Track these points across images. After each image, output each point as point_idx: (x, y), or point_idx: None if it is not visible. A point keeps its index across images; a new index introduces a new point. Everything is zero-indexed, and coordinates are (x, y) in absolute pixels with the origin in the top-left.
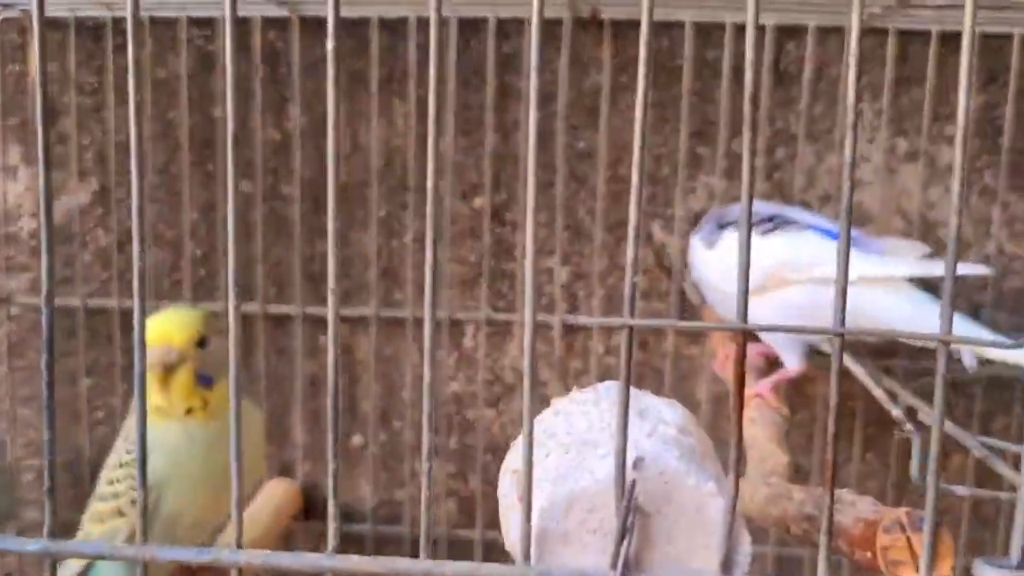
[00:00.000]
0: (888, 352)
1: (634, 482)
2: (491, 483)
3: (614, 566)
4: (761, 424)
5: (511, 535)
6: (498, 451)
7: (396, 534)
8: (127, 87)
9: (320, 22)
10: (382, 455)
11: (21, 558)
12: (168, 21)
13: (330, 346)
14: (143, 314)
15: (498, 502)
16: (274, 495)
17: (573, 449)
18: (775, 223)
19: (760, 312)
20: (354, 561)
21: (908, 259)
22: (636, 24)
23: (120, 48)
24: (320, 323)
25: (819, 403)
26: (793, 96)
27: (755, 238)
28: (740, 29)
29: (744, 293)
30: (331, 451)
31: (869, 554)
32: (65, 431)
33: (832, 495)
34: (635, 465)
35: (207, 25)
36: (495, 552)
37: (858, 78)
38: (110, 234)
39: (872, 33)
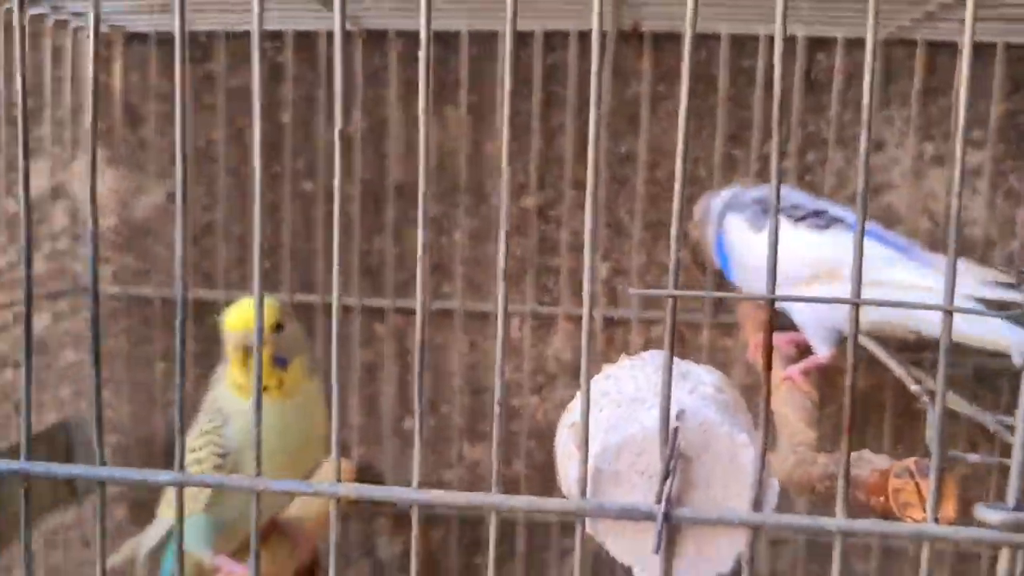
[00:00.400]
0: (919, 347)
1: (676, 430)
2: (535, 467)
3: (659, 502)
4: (792, 406)
5: (568, 480)
6: (542, 437)
7: (444, 514)
8: (202, 96)
9: (380, 34)
10: (432, 439)
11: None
12: (241, 35)
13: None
14: (184, 304)
15: (544, 482)
16: (331, 473)
17: (624, 405)
18: (826, 219)
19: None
20: (435, 494)
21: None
22: (674, 36)
23: (196, 60)
24: (376, 313)
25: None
26: (824, 103)
27: (810, 231)
28: (772, 40)
29: (773, 268)
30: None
31: (882, 498)
32: (141, 412)
33: (850, 437)
34: (678, 416)
35: (278, 38)
36: (538, 532)
37: (871, 84)
38: (186, 230)
39: (901, 44)
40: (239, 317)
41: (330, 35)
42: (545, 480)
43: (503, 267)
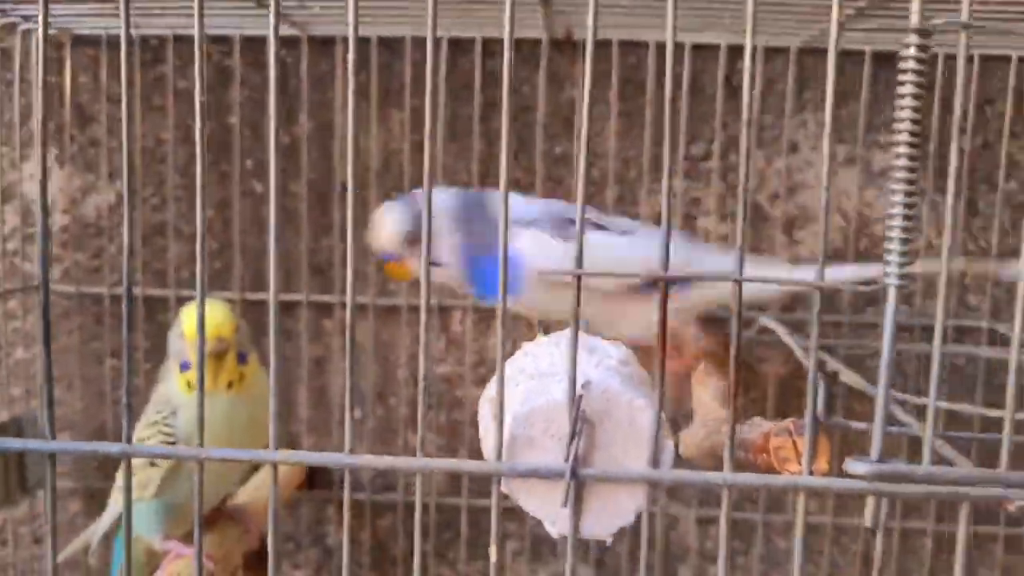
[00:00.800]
0: (832, 335)
1: (581, 398)
2: (477, 454)
3: (566, 461)
4: (707, 388)
5: (487, 448)
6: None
7: (391, 500)
8: (152, 97)
9: (325, 40)
10: (379, 429)
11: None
12: (189, 39)
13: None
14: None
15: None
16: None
17: (537, 378)
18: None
19: (632, 309)
20: (365, 459)
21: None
22: (606, 43)
23: (146, 63)
24: (324, 308)
25: (770, 383)
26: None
27: (617, 237)
28: (696, 48)
29: (665, 257)
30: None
31: (765, 455)
32: (92, 408)
33: (736, 401)
34: (583, 386)
35: (224, 42)
36: (483, 517)
37: (751, 89)
38: (134, 229)
39: (813, 52)
40: (212, 323)
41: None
42: None
43: (425, 266)
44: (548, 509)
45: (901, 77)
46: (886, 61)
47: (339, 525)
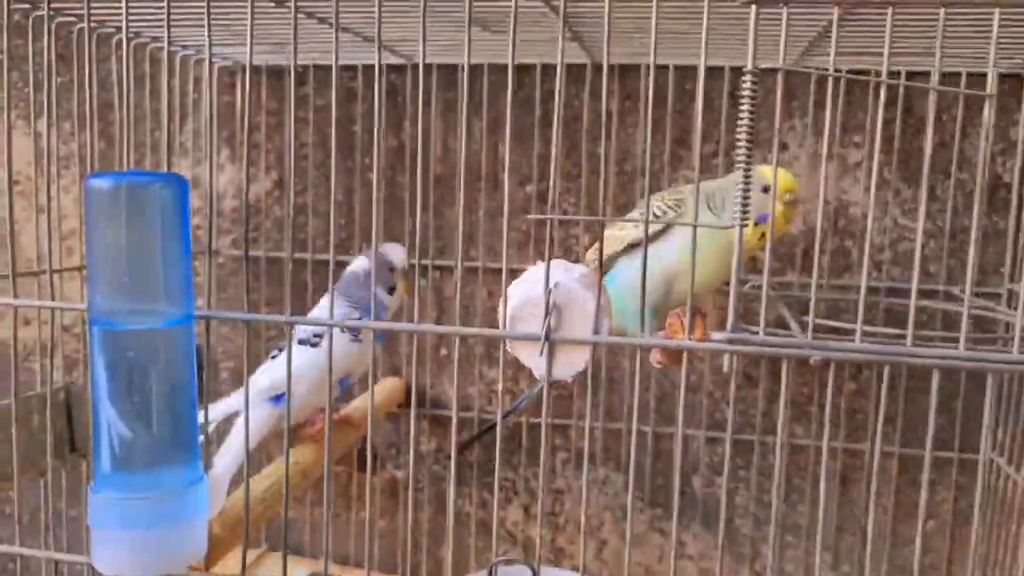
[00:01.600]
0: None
1: (550, 292)
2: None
3: (544, 330)
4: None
5: (500, 322)
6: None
7: (470, 418)
8: (297, 111)
9: (426, 67)
10: (461, 362)
11: None
12: (326, 67)
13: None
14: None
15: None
16: (388, 386)
17: (528, 283)
18: None
19: None
20: (424, 327)
21: None
22: (635, 67)
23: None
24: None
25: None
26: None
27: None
28: (710, 70)
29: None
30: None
31: (670, 331)
32: (249, 344)
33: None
34: (554, 287)
35: (351, 69)
36: (537, 432)
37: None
38: (284, 208)
39: (798, 74)
40: (791, 181)
41: (389, 67)
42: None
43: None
44: (534, 360)
45: (741, 103)
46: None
47: (430, 435)
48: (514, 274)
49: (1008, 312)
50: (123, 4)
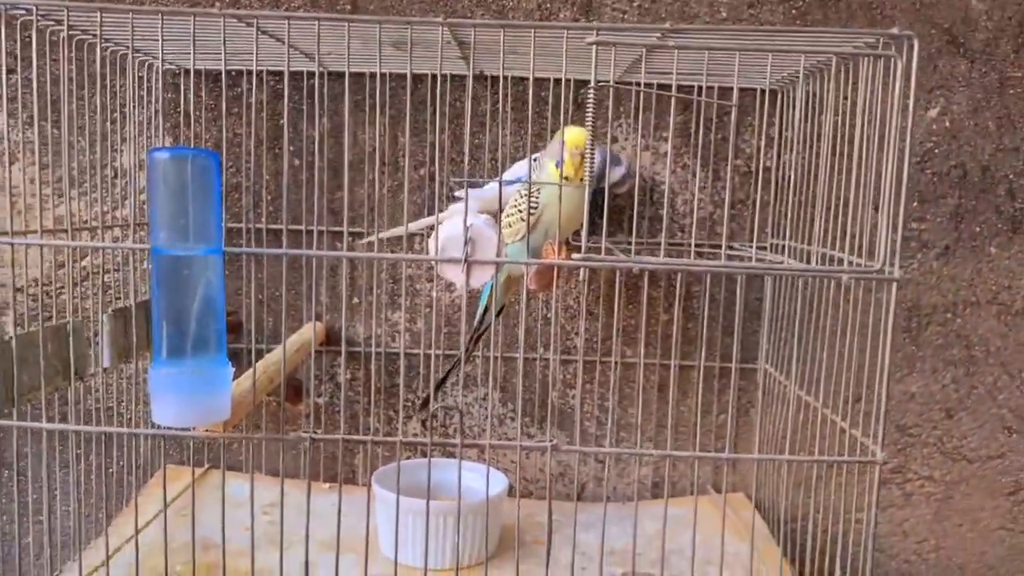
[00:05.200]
0: None
1: (468, 228)
2: (428, 326)
3: (463, 255)
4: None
5: (431, 251)
6: (431, 306)
7: (378, 352)
8: (231, 107)
9: (339, 74)
10: (369, 308)
11: None
12: (257, 71)
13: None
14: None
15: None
16: (310, 330)
17: (450, 224)
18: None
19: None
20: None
21: None
22: (503, 78)
23: (229, 86)
24: (336, 236)
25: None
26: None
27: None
28: (562, 81)
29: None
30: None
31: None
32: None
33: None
34: (470, 226)
35: (278, 74)
36: (443, 366)
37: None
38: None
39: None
40: (578, 139)
41: (308, 73)
42: (431, 335)
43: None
44: (457, 277)
45: (587, 112)
46: (664, 88)
47: (346, 368)
48: (412, 239)
49: (775, 255)
50: (98, 12)
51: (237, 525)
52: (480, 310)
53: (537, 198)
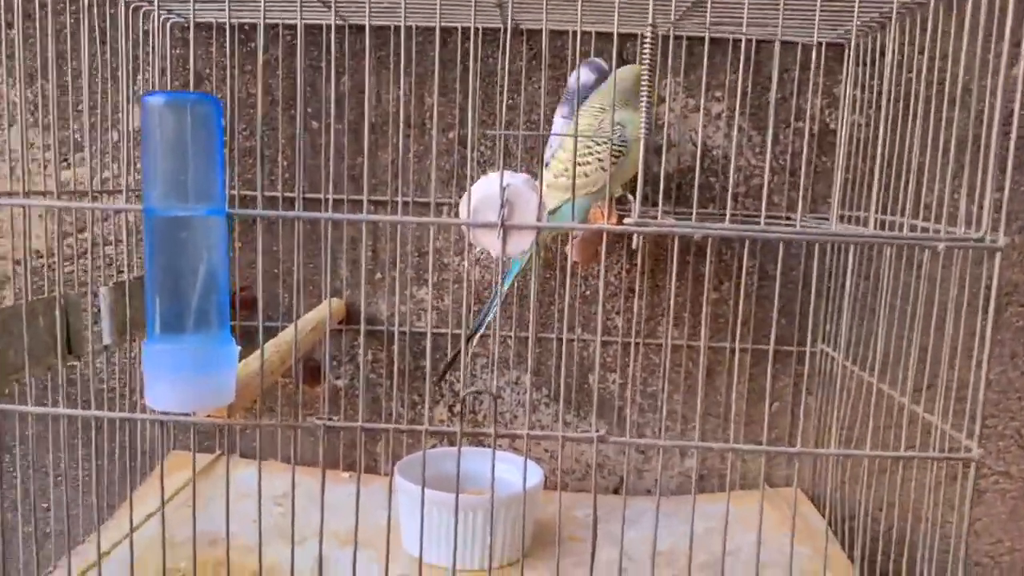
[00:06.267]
0: None
1: (504, 189)
2: (457, 304)
3: (499, 217)
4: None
5: (463, 215)
6: (461, 282)
7: (402, 331)
8: (244, 65)
9: (360, 28)
10: (392, 285)
11: None
12: (271, 24)
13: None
14: None
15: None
16: (331, 305)
17: (485, 184)
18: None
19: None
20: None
21: None
22: (538, 32)
23: (240, 42)
24: (356, 205)
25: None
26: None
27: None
28: (607, 35)
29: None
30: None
31: (595, 218)
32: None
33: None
34: (506, 187)
35: (293, 28)
36: (445, 343)
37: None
38: (232, 152)
39: (667, 38)
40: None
41: (328, 27)
42: (454, 316)
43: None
44: (492, 243)
45: (642, 56)
46: (716, 44)
47: (366, 348)
48: (439, 208)
49: (834, 228)
50: None
51: (247, 517)
52: (506, 283)
53: (623, 139)
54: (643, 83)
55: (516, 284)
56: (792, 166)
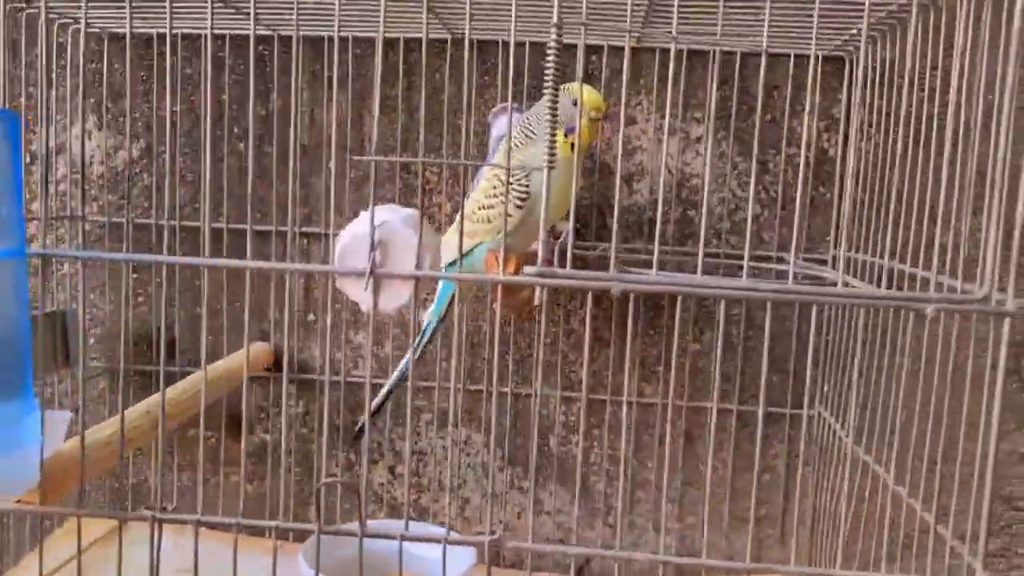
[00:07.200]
0: None
1: (375, 229)
2: (401, 352)
3: (368, 263)
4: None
5: (335, 259)
6: (404, 327)
7: (336, 381)
8: (161, 80)
9: (290, 38)
10: (326, 329)
11: None
12: (194, 36)
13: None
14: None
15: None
16: (257, 349)
17: (358, 223)
18: None
19: None
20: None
21: None
22: (492, 43)
23: (161, 55)
24: (280, 235)
25: None
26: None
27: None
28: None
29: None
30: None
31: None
32: (113, 307)
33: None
34: (379, 225)
35: (220, 39)
36: (401, 395)
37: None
38: (151, 176)
39: (643, 51)
40: (597, 99)
41: (257, 38)
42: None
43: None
44: (361, 295)
45: (546, 59)
46: (698, 56)
47: (297, 399)
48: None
49: (833, 272)
50: None
51: None
52: (433, 321)
53: (528, 180)
54: (547, 101)
55: (468, 330)
56: (784, 199)
